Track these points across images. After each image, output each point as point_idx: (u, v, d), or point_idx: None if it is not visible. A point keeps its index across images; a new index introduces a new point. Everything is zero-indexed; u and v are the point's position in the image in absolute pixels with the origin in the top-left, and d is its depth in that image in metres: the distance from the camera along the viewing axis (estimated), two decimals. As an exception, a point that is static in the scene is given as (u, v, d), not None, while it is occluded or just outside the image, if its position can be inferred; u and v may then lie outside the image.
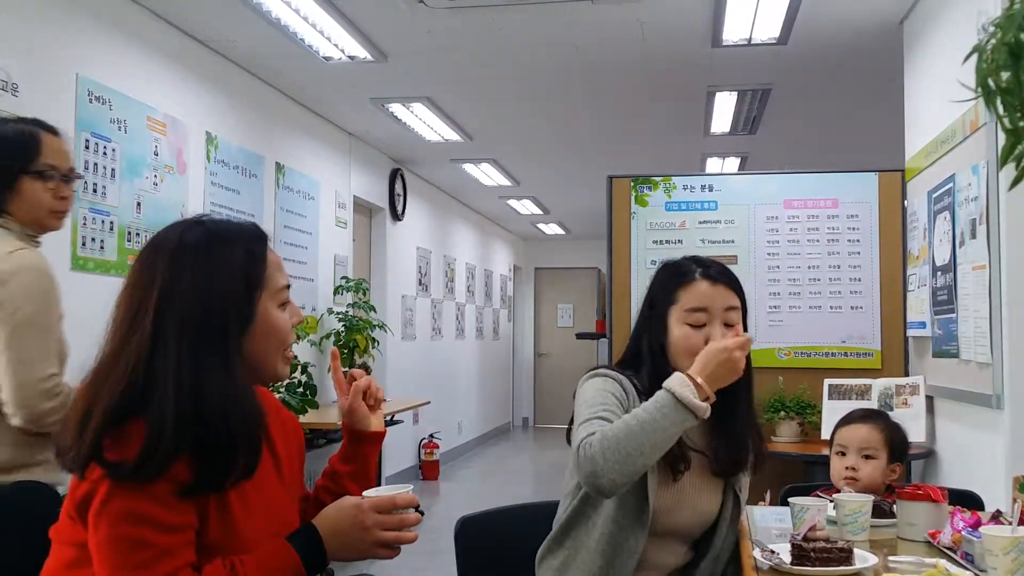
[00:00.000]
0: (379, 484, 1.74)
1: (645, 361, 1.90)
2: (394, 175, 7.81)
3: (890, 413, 3.01)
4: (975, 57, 1.22)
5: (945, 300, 3.48)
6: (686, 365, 1.77)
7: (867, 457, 2.36)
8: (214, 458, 1.33)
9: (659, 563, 1.88)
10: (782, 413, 4.23)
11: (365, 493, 1.49)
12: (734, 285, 1.87)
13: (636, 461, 1.66)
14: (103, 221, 3.92)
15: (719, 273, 1.87)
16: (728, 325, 1.84)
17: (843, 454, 2.40)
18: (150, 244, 1.44)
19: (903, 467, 2.43)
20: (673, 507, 1.85)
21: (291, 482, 1.59)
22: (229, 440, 1.35)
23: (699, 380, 1.69)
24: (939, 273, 3.57)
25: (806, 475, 3.87)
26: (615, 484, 1.67)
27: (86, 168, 3.82)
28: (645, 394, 1.84)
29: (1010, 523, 1.72)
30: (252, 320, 1.41)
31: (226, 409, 1.34)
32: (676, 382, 1.70)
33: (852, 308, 4.42)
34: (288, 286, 1.50)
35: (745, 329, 1.89)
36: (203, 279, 1.38)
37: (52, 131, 2.25)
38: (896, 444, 2.39)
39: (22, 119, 2.30)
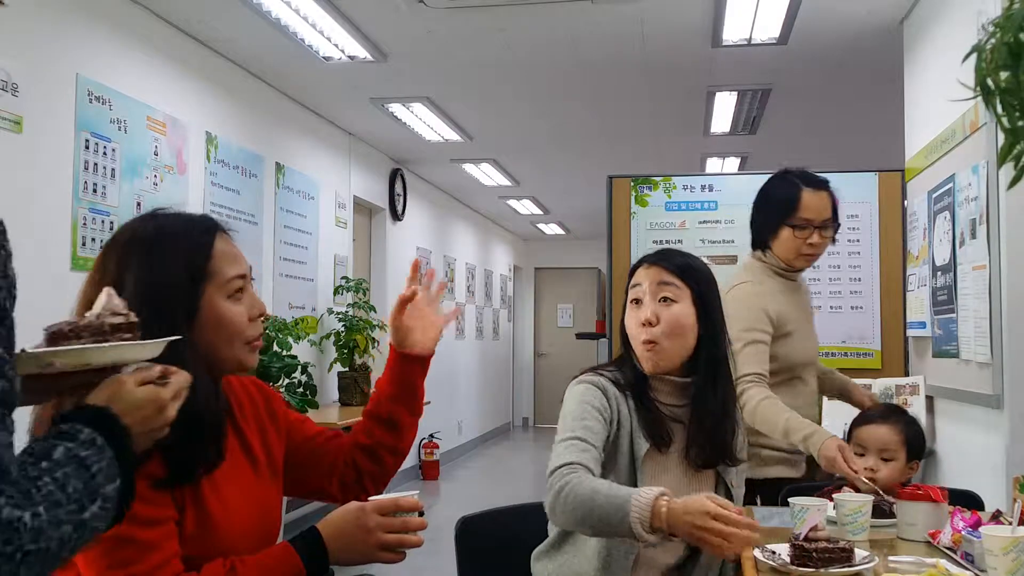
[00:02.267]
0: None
1: (625, 353, 1.98)
2: (394, 175, 7.81)
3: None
4: (975, 57, 1.22)
5: (945, 300, 3.48)
6: (635, 342, 1.91)
7: (886, 459, 2.33)
8: (182, 448, 1.35)
9: (656, 562, 1.89)
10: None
11: (370, 498, 1.50)
12: (671, 265, 1.92)
13: (581, 527, 1.73)
14: (103, 221, 3.92)
15: (656, 257, 1.96)
16: (663, 300, 1.89)
17: (862, 454, 2.37)
18: (108, 240, 1.46)
19: (919, 464, 2.40)
20: None
21: (275, 460, 1.60)
22: (194, 428, 1.35)
23: (664, 511, 1.62)
24: (939, 273, 3.57)
25: (806, 475, 3.86)
26: (563, 526, 1.77)
27: (86, 168, 3.82)
28: (628, 387, 1.90)
29: (1010, 523, 1.72)
30: (196, 312, 1.41)
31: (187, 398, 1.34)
32: (640, 503, 1.63)
33: (852, 308, 4.41)
34: (242, 276, 1.48)
35: (709, 315, 1.90)
36: (147, 272, 1.39)
37: (814, 185, 2.63)
38: (914, 443, 2.35)
39: (786, 176, 2.69)
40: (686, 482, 1.90)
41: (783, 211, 2.63)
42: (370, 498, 1.49)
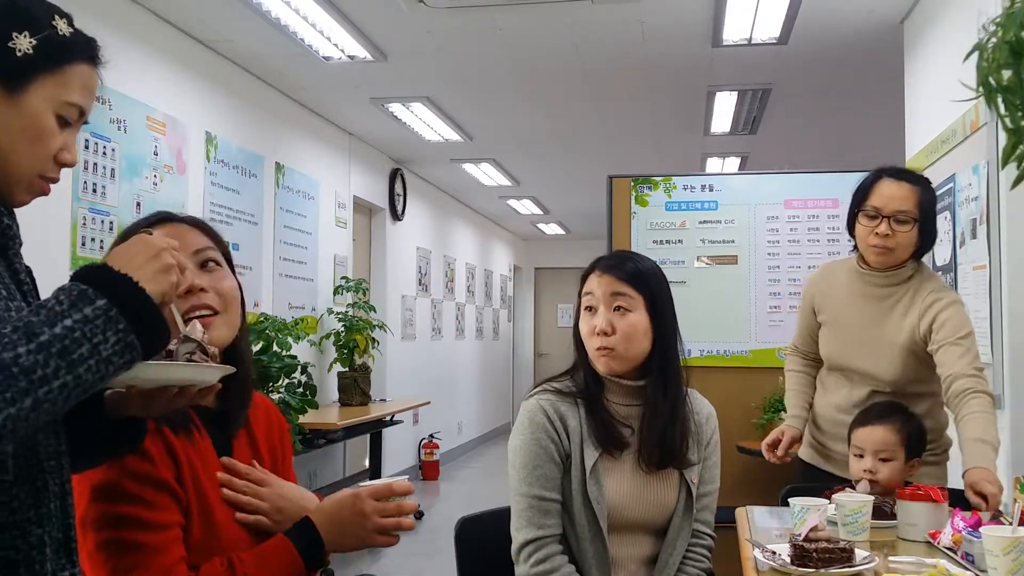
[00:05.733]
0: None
1: (578, 357, 2.00)
2: (394, 175, 7.80)
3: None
4: (976, 56, 1.22)
5: (945, 300, 3.47)
6: (589, 346, 1.93)
7: (884, 460, 2.30)
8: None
9: (629, 555, 1.93)
10: (782, 413, 4.23)
11: (360, 484, 1.50)
12: (624, 274, 1.93)
13: None
14: (103, 221, 3.92)
15: (608, 266, 1.96)
16: (617, 309, 1.91)
17: (861, 456, 2.35)
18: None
19: (920, 461, 2.38)
20: (630, 502, 1.91)
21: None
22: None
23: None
24: (939, 273, 3.57)
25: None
26: None
27: (85, 168, 3.82)
28: (580, 394, 1.94)
29: (1010, 523, 1.72)
30: None
31: None
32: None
33: (852, 308, 4.40)
34: (206, 248, 1.49)
35: (662, 320, 1.92)
36: None
37: (896, 176, 2.50)
38: (913, 441, 2.32)
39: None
40: (643, 484, 1.92)
41: (857, 198, 2.56)
42: (361, 484, 1.50)
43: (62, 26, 1.19)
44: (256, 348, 4.58)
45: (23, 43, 1.14)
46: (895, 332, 2.52)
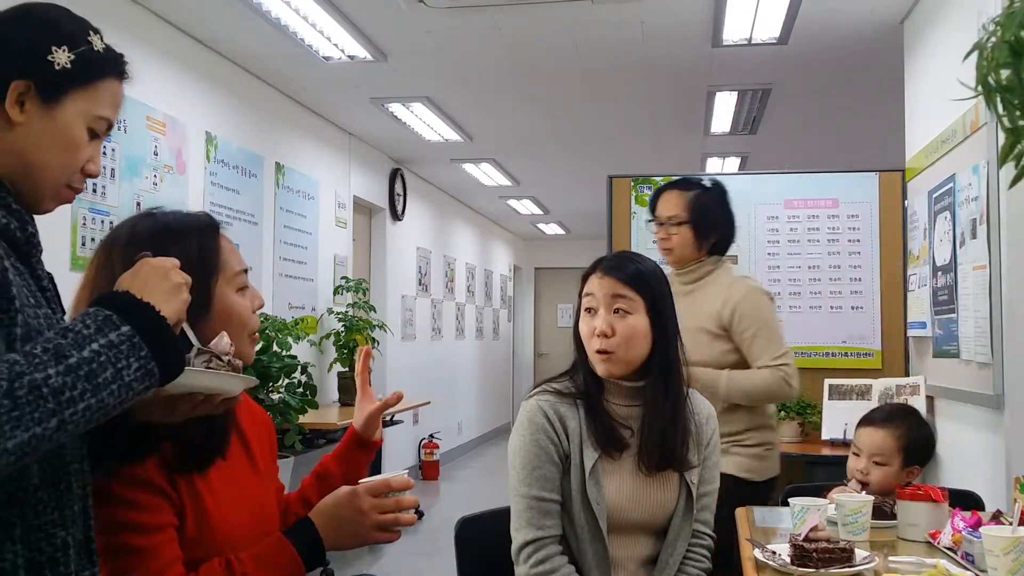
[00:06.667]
0: None
1: (578, 358, 2.01)
2: (394, 175, 7.81)
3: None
4: (975, 56, 1.22)
5: (945, 300, 3.48)
6: (588, 348, 1.93)
7: (878, 464, 2.31)
8: (191, 443, 1.37)
9: (629, 555, 1.93)
10: (783, 413, 4.23)
11: (360, 481, 1.50)
12: (625, 276, 1.93)
13: None
14: (103, 221, 3.92)
15: (609, 267, 1.96)
16: (617, 311, 1.91)
17: (858, 455, 2.36)
18: (103, 241, 1.45)
19: (921, 469, 2.37)
20: (629, 504, 1.90)
21: (265, 470, 1.61)
22: (206, 424, 1.37)
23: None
24: (939, 273, 3.57)
25: (806, 475, 3.87)
26: None
27: (86, 168, 3.82)
28: (580, 395, 1.94)
29: (1010, 523, 1.72)
30: (210, 306, 1.41)
31: None
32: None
33: (852, 308, 4.41)
34: (245, 270, 1.49)
35: (662, 322, 1.92)
36: None
37: (671, 187, 3.00)
38: (913, 448, 2.32)
39: None
40: (643, 485, 1.92)
41: (650, 213, 3.03)
42: (360, 480, 1.50)
43: (96, 42, 1.22)
44: (256, 348, 4.57)
45: (62, 58, 1.18)
46: (701, 320, 2.82)
